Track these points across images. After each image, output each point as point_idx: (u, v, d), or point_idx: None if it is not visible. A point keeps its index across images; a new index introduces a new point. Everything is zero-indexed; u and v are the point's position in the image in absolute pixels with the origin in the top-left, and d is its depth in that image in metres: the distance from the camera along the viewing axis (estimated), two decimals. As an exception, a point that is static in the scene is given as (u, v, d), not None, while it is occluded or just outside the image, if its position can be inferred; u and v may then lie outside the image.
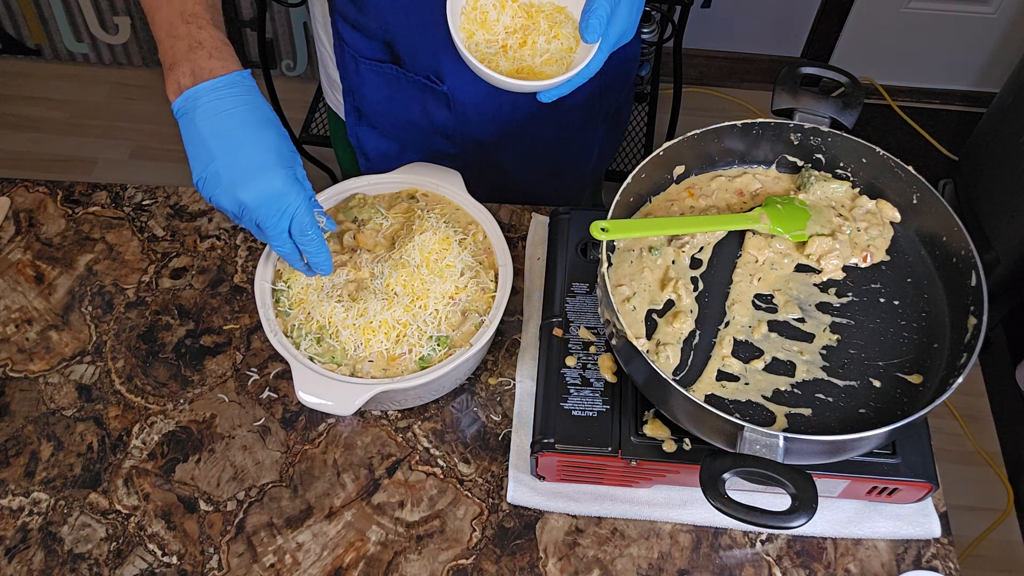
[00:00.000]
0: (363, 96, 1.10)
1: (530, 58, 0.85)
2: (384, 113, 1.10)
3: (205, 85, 0.76)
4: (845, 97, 0.90)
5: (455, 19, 0.82)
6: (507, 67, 0.85)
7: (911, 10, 2.39)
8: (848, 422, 0.78)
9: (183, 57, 0.77)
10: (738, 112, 2.60)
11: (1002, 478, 1.95)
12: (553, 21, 0.85)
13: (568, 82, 0.81)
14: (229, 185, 0.76)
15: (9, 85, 2.61)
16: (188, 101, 0.77)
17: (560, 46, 0.85)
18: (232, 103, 0.77)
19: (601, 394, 0.85)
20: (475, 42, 0.84)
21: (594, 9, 0.78)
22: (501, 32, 0.85)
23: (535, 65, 0.85)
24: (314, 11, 1.14)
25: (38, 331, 0.99)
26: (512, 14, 0.85)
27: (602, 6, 0.78)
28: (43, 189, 1.11)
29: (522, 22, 0.85)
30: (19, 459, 0.91)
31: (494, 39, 0.85)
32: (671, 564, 0.85)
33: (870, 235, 0.88)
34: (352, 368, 0.85)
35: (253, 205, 0.77)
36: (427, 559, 0.85)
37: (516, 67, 0.85)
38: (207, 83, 0.76)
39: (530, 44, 0.85)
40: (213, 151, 0.76)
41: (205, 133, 0.76)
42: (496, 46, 0.85)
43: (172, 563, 0.84)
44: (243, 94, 0.77)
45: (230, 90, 0.77)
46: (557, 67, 0.85)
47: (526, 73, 0.85)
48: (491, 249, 0.93)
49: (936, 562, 0.85)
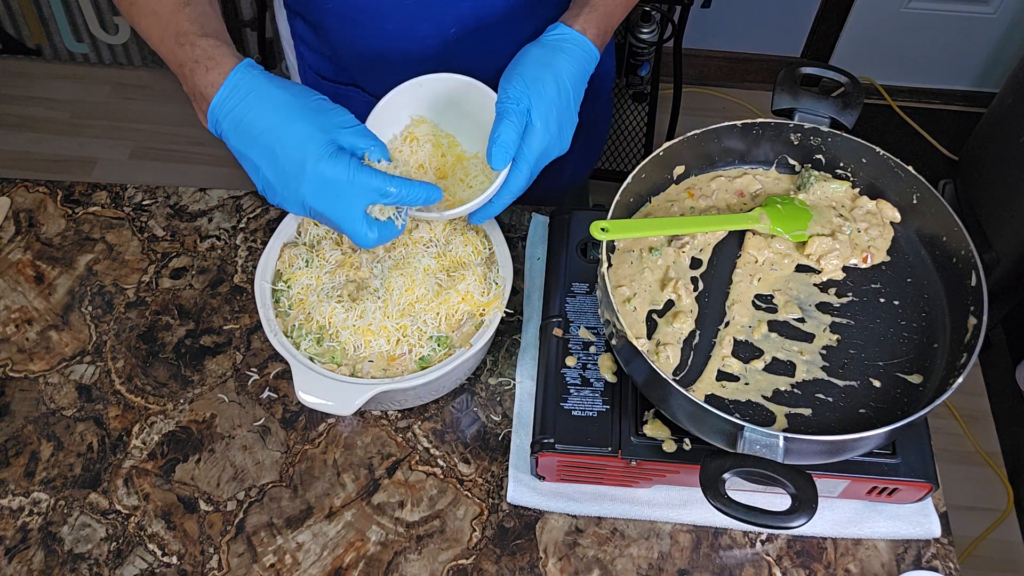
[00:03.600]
0: None
1: (454, 184, 0.88)
2: None
3: (214, 103, 0.75)
4: (845, 97, 0.90)
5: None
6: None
7: (911, 10, 2.39)
8: (848, 422, 0.78)
9: (191, 84, 0.76)
10: (738, 112, 2.60)
11: (1002, 478, 1.95)
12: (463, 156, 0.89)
13: (491, 204, 0.81)
14: (283, 191, 0.74)
15: (9, 85, 2.60)
16: (214, 125, 0.76)
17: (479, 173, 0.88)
18: (245, 108, 0.74)
19: (601, 394, 0.85)
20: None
21: (496, 137, 0.77)
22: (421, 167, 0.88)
23: (459, 191, 0.87)
24: (281, 30, 1.14)
25: (38, 331, 0.99)
26: (430, 152, 0.88)
27: (506, 132, 0.77)
28: (43, 189, 1.11)
29: (439, 160, 0.88)
30: (19, 459, 0.91)
31: (416, 174, 0.87)
32: (671, 564, 0.85)
33: (870, 235, 0.88)
34: (352, 368, 0.85)
35: (313, 201, 0.74)
36: (427, 559, 0.85)
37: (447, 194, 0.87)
38: (215, 100, 0.75)
39: (451, 173, 0.88)
40: (255, 162, 0.74)
41: (242, 148, 0.75)
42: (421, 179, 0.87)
43: (172, 563, 0.84)
44: (249, 93, 0.74)
45: (236, 96, 0.74)
46: (483, 188, 0.86)
47: (454, 200, 0.87)
48: (491, 249, 0.93)
49: (936, 562, 0.85)
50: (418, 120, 0.89)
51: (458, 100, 0.87)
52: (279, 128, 0.73)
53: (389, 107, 0.86)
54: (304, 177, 0.73)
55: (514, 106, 0.78)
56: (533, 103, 0.78)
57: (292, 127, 0.73)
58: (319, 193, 0.73)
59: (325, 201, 0.73)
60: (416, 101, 0.88)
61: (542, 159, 0.82)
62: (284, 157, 0.73)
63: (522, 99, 0.78)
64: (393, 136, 0.88)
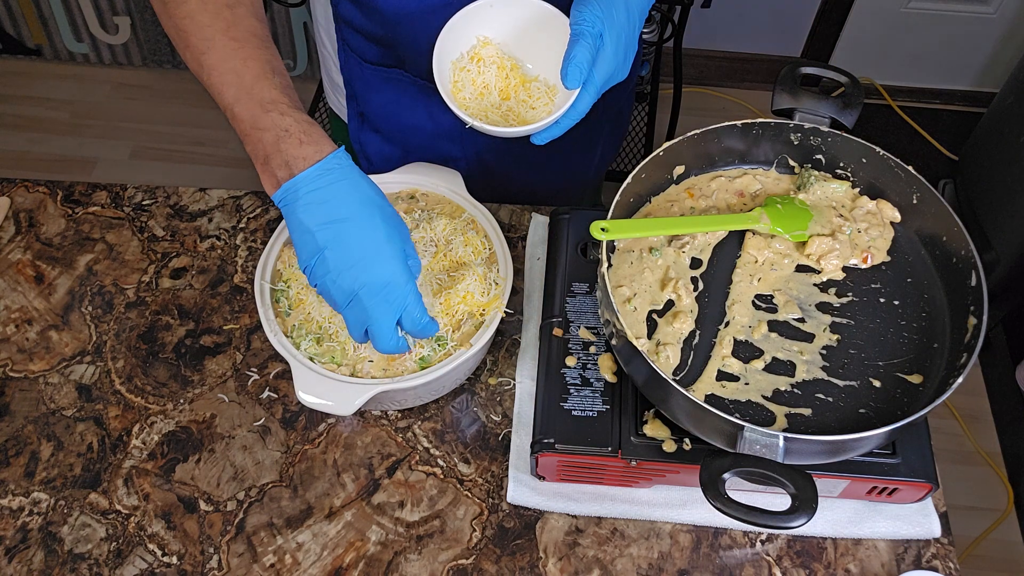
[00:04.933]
0: (367, 101, 1.10)
1: (517, 105, 0.89)
2: (388, 117, 1.10)
3: (302, 176, 0.75)
4: (845, 97, 0.90)
5: (443, 78, 0.85)
6: (496, 116, 0.88)
7: (911, 10, 2.39)
8: (848, 422, 0.78)
9: (273, 149, 0.76)
10: (738, 112, 2.60)
11: (1002, 478, 1.95)
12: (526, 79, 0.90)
13: (557, 124, 0.82)
14: (337, 275, 0.74)
15: (9, 85, 2.61)
16: (288, 193, 0.75)
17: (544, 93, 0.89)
18: (333, 192, 0.75)
19: (601, 394, 0.85)
20: (464, 96, 0.88)
21: (572, 57, 0.78)
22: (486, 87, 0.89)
23: (523, 111, 0.88)
24: (316, 15, 1.14)
25: (38, 331, 0.99)
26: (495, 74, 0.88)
27: (581, 53, 0.78)
28: (43, 189, 1.11)
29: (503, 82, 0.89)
30: (19, 459, 0.91)
31: (481, 92, 0.88)
32: (671, 564, 0.85)
33: (870, 235, 0.88)
34: (352, 368, 0.85)
35: (363, 296, 0.75)
36: (427, 559, 0.85)
37: (505, 114, 0.88)
38: (304, 173, 0.75)
39: (514, 94, 0.89)
40: (320, 242, 0.74)
41: (310, 225, 0.74)
42: (485, 100, 0.88)
43: (172, 563, 0.84)
44: (342, 179, 0.75)
45: (329, 177, 0.75)
46: (547, 110, 0.88)
47: (516, 119, 0.88)
48: (491, 249, 0.93)
49: (936, 562, 0.85)
50: (484, 41, 0.89)
51: (525, 22, 0.88)
52: (362, 220, 0.75)
53: (458, 26, 0.86)
54: (370, 271, 0.74)
55: (589, 28, 0.79)
56: (606, 27, 0.80)
57: (374, 222, 0.75)
58: (374, 290, 0.75)
59: (376, 298, 0.75)
60: (485, 21, 0.88)
61: (608, 83, 0.83)
62: (358, 247, 0.74)
63: (596, 22, 0.79)
64: (460, 55, 0.88)
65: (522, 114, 0.88)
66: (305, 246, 0.76)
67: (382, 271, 0.75)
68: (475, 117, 0.84)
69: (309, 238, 0.75)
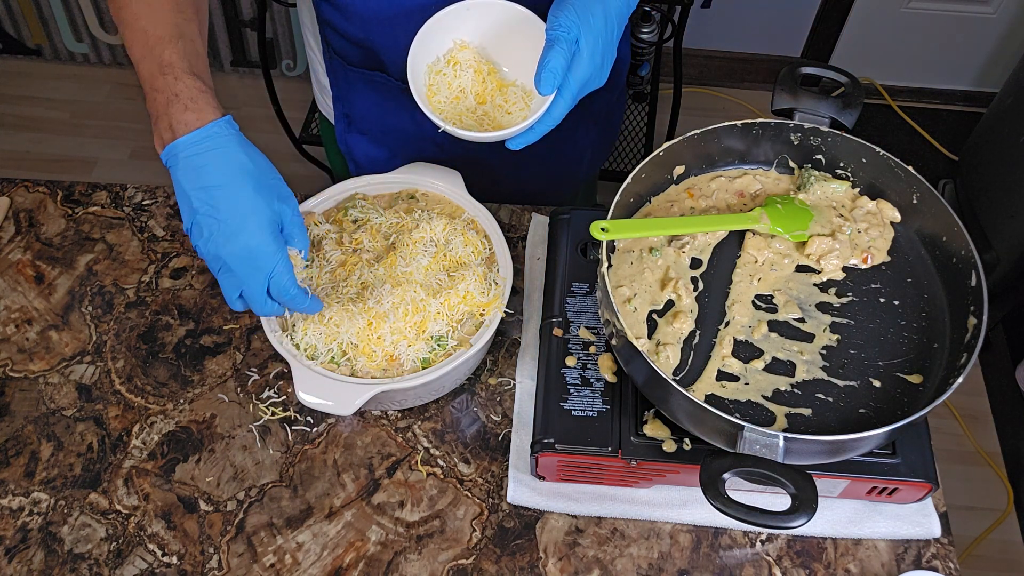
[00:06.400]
0: (352, 103, 1.10)
1: (493, 110, 0.89)
2: (373, 120, 1.10)
3: (181, 141, 0.77)
4: (845, 97, 0.90)
5: (418, 81, 0.86)
6: (471, 120, 0.88)
7: (911, 10, 2.39)
8: (848, 422, 0.78)
9: (163, 111, 0.79)
10: (738, 112, 2.60)
11: (1002, 478, 1.95)
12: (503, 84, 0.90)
13: (532, 130, 0.82)
14: (209, 239, 0.77)
15: (9, 85, 2.60)
16: (169, 156, 0.78)
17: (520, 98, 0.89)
18: (208, 159, 0.77)
19: (601, 394, 0.85)
20: (439, 100, 0.88)
21: (546, 63, 0.78)
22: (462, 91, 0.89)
23: (498, 116, 0.88)
24: (303, 18, 1.14)
25: (38, 331, 0.99)
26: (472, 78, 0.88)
27: (555, 59, 0.78)
28: (43, 189, 1.11)
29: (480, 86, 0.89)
30: (19, 459, 0.91)
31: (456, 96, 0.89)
32: (671, 564, 0.85)
33: (870, 236, 0.88)
34: (352, 368, 0.85)
35: (230, 263, 0.78)
36: (427, 559, 0.85)
37: (480, 119, 0.88)
38: (183, 139, 0.77)
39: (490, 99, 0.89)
40: (194, 205, 0.77)
41: (187, 188, 0.77)
42: (460, 104, 0.88)
43: (172, 563, 0.84)
44: (216, 148, 0.78)
45: (205, 144, 0.78)
46: (523, 115, 0.88)
47: (492, 124, 0.88)
48: (491, 249, 0.93)
49: (936, 562, 0.85)
50: (462, 45, 0.89)
51: (504, 26, 0.88)
52: (233, 188, 0.78)
53: (435, 28, 0.86)
54: (235, 239, 0.77)
55: (564, 34, 0.79)
56: (582, 33, 0.80)
57: (244, 192, 0.78)
58: (242, 258, 0.78)
59: (243, 265, 0.78)
60: (462, 24, 0.88)
61: (583, 89, 0.83)
62: (227, 214, 0.77)
63: (572, 28, 0.79)
64: (436, 58, 0.89)
65: (497, 119, 0.88)
66: (183, 208, 0.79)
67: (248, 239, 0.77)
68: (449, 121, 0.84)
69: (186, 201, 0.78)
